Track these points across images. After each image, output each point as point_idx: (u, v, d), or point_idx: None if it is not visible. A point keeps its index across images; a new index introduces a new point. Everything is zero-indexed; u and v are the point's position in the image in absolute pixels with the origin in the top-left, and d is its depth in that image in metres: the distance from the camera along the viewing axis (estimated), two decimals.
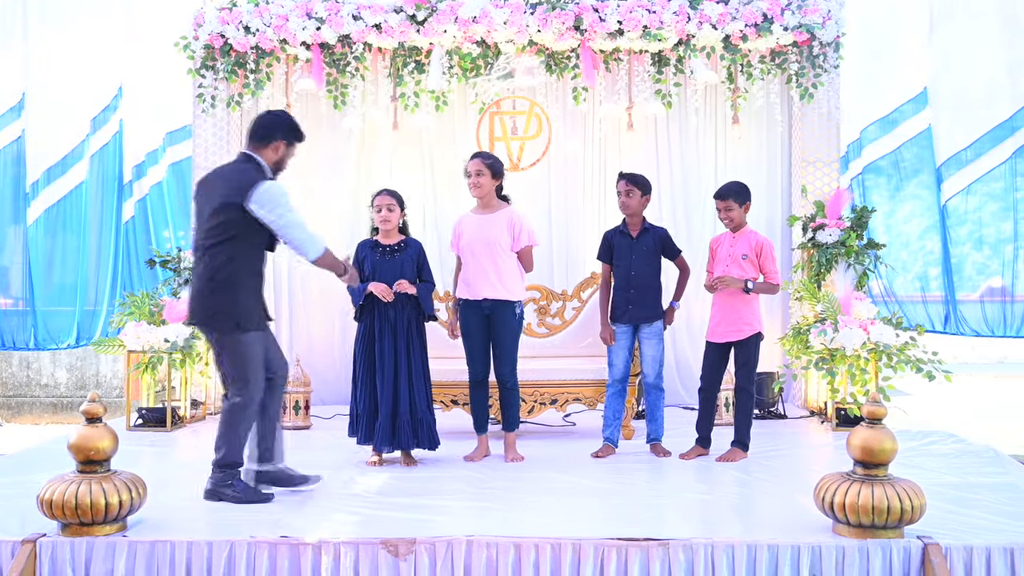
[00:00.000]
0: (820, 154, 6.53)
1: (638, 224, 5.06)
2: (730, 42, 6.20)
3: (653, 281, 5.04)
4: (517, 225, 4.84)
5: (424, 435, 4.75)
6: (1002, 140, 6.91)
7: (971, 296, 7.02)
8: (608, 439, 5.07)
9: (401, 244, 4.87)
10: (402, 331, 4.75)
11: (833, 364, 5.58)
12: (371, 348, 4.77)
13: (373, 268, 4.79)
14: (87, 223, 7.28)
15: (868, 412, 3.44)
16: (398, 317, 4.76)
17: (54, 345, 7.40)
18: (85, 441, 3.44)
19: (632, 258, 5.01)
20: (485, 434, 5.01)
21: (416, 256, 4.86)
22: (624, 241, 5.06)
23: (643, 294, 4.99)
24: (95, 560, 3.34)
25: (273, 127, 4.10)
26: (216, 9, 6.31)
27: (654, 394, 5.07)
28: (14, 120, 7.28)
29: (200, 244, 4.05)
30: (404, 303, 4.77)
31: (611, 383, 5.12)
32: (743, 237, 4.93)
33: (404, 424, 4.71)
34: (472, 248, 4.84)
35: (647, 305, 5.01)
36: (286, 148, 4.13)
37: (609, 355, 5.12)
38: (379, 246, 4.86)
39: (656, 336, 5.03)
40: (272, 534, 3.43)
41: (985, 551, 3.31)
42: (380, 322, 4.76)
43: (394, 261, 4.81)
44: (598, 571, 3.31)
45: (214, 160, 6.62)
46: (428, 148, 7.11)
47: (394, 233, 4.87)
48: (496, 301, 4.80)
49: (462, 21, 6.11)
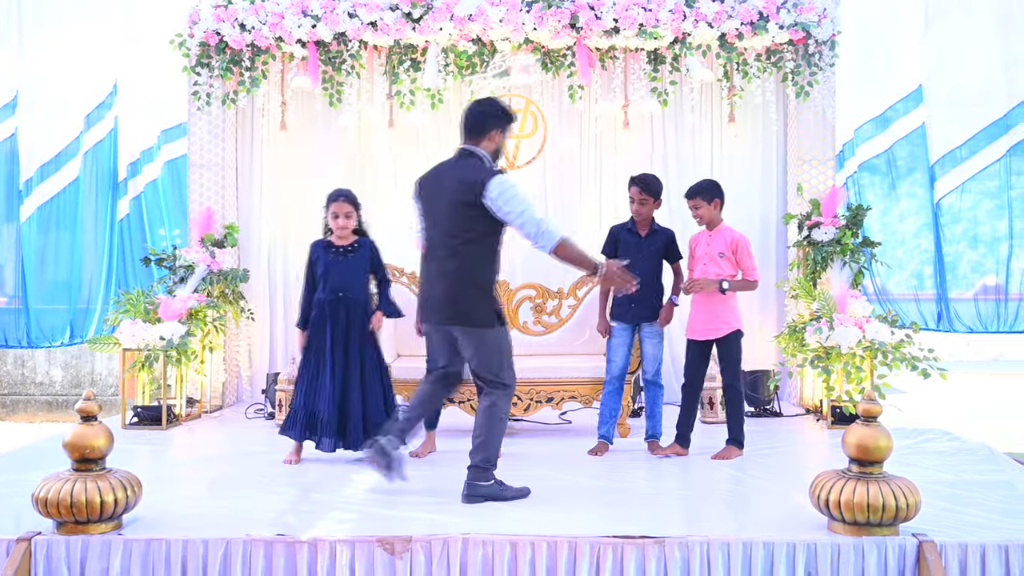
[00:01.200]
0: (815, 152, 6.53)
1: (647, 224, 5.07)
2: (726, 40, 6.21)
3: (656, 281, 5.06)
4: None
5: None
6: (996, 138, 6.92)
7: (966, 294, 7.04)
8: (603, 436, 5.08)
9: (354, 245, 4.86)
10: (355, 332, 4.75)
11: (828, 362, 5.59)
12: (321, 348, 4.75)
13: (327, 269, 4.78)
14: (81, 220, 7.26)
15: (863, 410, 3.44)
16: (350, 319, 4.75)
17: (47, 343, 7.39)
18: (80, 439, 3.43)
19: (639, 257, 4.98)
20: (434, 430, 5.06)
21: (370, 256, 4.86)
22: (632, 239, 5.06)
23: (647, 293, 4.97)
24: (90, 559, 3.33)
25: (486, 117, 4.12)
26: (212, 6, 6.29)
27: (653, 391, 5.09)
28: (8, 117, 7.26)
29: (444, 243, 4.03)
30: (355, 304, 4.77)
31: (608, 380, 5.13)
32: (719, 234, 4.94)
33: (356, 425, 4.69)
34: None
35: (650, 304, 5.02)
36: (501, 135, 4.14)
37: (608, 352, 5.13)
38: (332, 247, 4.85)
39: (658, 335, 5.07)
40: (268, 532, 3.42)
41: (980, 548, 3.32)
42: (332, 324, 4.74)
43: (348, 262, 4.81)
44: (594, 569, 3.31)
45: (209, 158, 6.63)
46: (424, 146, 7.09)
47: (349, 234, 4.87)
48: None
49: (458, 19, 6.10)
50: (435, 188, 4.12)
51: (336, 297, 4.76)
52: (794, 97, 6.40)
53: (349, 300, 4.76)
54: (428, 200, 4.14)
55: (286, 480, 4.38)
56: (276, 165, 6.99)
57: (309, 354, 4.79)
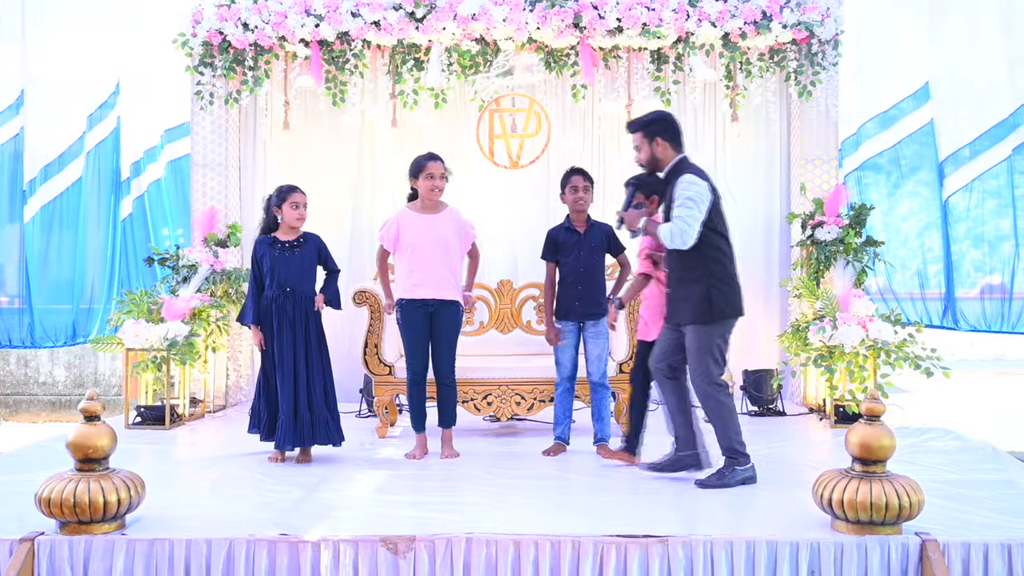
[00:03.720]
0: (819, 151, 6.52)
1: (583, 220, 5.08)
2: (729, 40, 6.21)
3: (599, 277, 5.04)
4: (466, 225, 4.98)
5: (322, 431, 4.74)
6: (1002, 137, 6.90)
7: (970, 293, 7.02)
8: (559, 437, 5.06)
9: (300, 240, 4.84)
10: (300, 327, 4.74)
11: (832, 361, 5.58)
12: (271, 345, 4.76)
13: (273, 265, 4.76)
14: (84, 220, 7.27)
15: (866, 409, 3.44)
16: (296, 314, 4.74)
17: (50, 343, 7.39)
18: (83, 439, 3.43)
19: (580, 254, 4.99)
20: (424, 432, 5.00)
21: (317, 250, 4.85)
22: (571, 237, 5.05)
23: (590, 290, 4.98)
24: (93, 559, 3.34)
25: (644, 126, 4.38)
26: (215, 6, 6.29)
27: (600, 393, 5.04)
28: (13, 117, 7.26)
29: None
30: (302, 299, 4.77)
31: (559, 381, 5.10)
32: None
33: (304, 421, 4.71)
34: (422, 248, 4.85)
35: (594, 301, 4.99)
36: (663, 142, 4.32)
37: (556, 354, 5.08)
38: (278, 242, 4.81)
39: (602, 335, 5.01)
40: (271, 532, 3.42)
41: (983, 547, 3.32)
42: (279, 319, 4.74)
43: (294, 257, 4.79)
44: (597, 568, 3.31)
45: (212, 157, 6.64)
46: (427, 145, 7.02)
47: (296, 228, 4.85)
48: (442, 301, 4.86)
49: (461, 18, 6.10)
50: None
51: (283, 293, 4.74)
52: (797, 96, 6.40)
53: (296, 295, 4.74)
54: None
55: (289, 480, 4.38)
56: (279, 164, 6.99)
57: (264, 352, 4.81)
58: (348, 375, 6.92)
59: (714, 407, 4.23)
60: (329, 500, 4.03)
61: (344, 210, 7.03)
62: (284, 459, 4.79)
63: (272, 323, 4.75)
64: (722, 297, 4.20)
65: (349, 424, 6.04)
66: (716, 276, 4.20)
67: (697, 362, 4.22)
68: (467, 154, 6.81)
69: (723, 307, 4.20)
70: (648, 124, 4.37)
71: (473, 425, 5.77)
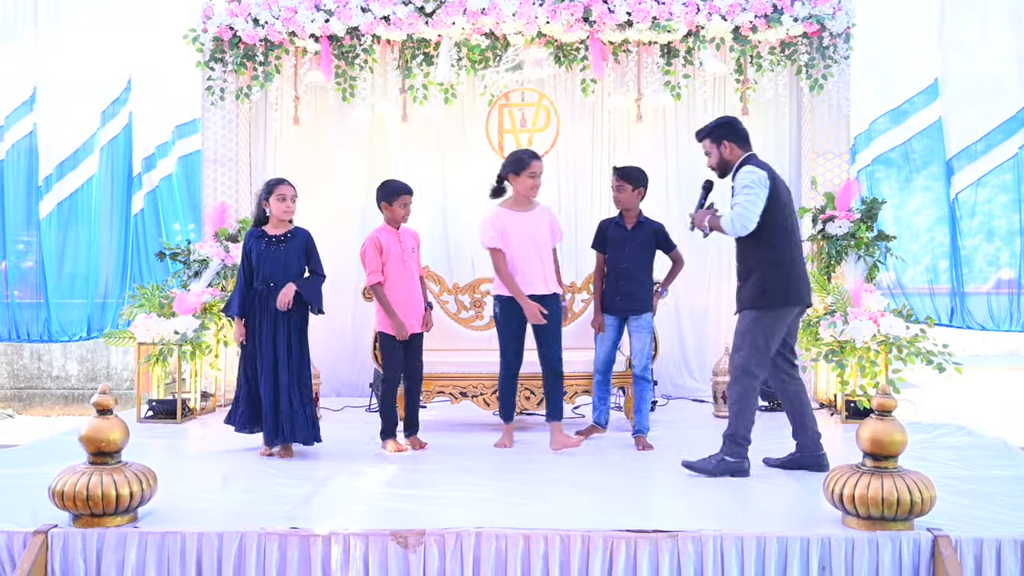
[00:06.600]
0: (830, 146, 6.49)
1: (634, 217, 5.10)
2: (739, 33, 6.18)
3: (644, 275, 5.09)
4: (557, 223, 5.06)
5: (299, 429, 4.73)
6: (1013, 133, 6.87)
7: (982, 288, 6.99)
8: (596, 421, 5.23)
9: (288, 234, 4.81)
10: (282, 325, 4.72)
11: (843, 356, 5.56)
12: (254, 339, 4.76)
13: (260, 259, 4.75)
14: (98, 216, 7.30)
15: (878, 404, 3.43)
16: (278, 310, 4.71)
17: (66, 337, 7.44)
18: (96, 433, 3.45)
19: (625, 250, 5.04)
20: (512, 422, 5.11)
21: (304, 246, 4.82)
22: (618, 232, 5.10)
23: (633, 287, 5.02)
24: (106, 551, 3.36)
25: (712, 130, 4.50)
26: (225, 2, 6.31)
27: (641, 385, 5.10)
28: (27, 114, 7.29)
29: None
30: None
31: (594, 372, 5.24)
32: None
33: (284, 418, 4.72)
34: (523, 246, 4.87)
35: (637, 298, 5.04)
36: (730, 144, 4.44)
37: (596, 343, 5.22)
38: (266, 236, 4.80)
39: (645, 328, 5.07)
40: (282, 526, 3.44)
41: (995, 544, 3.30)
42: (260, 314, 4.74)
43: (280, 251, 4.76)
44: (607, 563, 3.31)
45: (223, 152, 6.65)
46: (437, 140, 7.11)
47: (285, 223, 4.83)
48: (548, 295, 4.93)
49: (471, 13, 6.10)
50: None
51: (268, 287, 4.74)
52: (808, 90, 6.37)
53: (279, 290, 4.70)
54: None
55: (300, 474, 4.39)
56: (289, 159, 7.00)
57: (248, 345, 4.81)
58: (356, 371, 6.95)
59: (739, 392, 4.29)
60: (339, 494, 4.04)
61: (354, 205, 7.03)
62: (272, 453, 4.80)
63: (256, 317, 4.75)
64: (778, 284, 4.25)
65: (358, 418, 6.10)
66: (773, 263, 4.25)
67: (740, 343, 4.30)
68: (477, 149, 6.82)
69: (777, 294, 4.25)
70: (714, 129, 4.50)
71: (482, 420, 5.78)
